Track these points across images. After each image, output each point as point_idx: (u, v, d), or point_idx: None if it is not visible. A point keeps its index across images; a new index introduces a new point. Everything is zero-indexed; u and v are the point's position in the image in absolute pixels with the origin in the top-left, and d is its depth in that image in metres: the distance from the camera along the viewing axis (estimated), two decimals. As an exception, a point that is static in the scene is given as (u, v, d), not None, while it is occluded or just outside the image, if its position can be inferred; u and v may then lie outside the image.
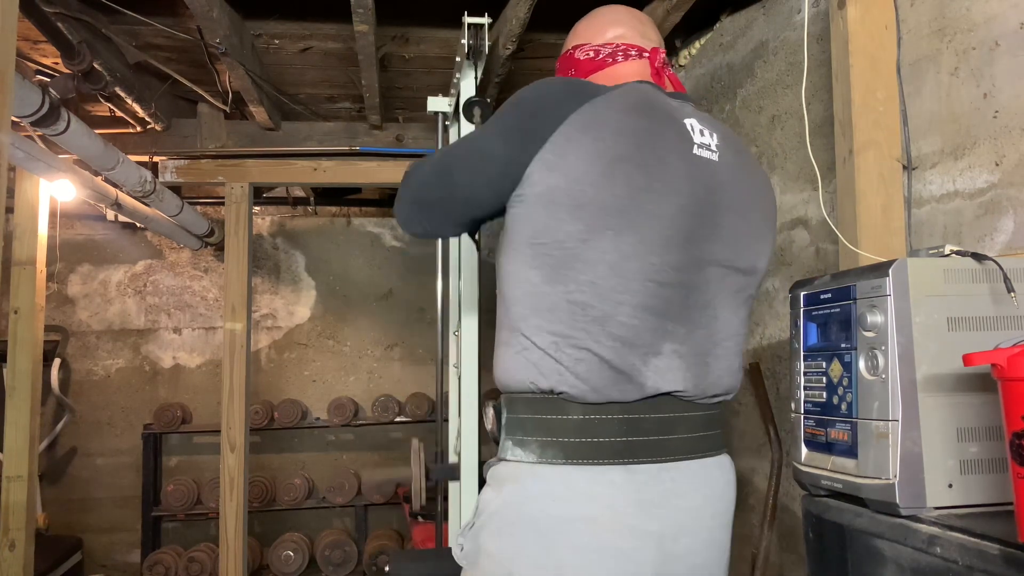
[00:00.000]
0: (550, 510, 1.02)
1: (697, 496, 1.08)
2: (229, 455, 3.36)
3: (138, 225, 4.45)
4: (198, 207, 4.23)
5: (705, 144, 1.11)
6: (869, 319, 1.07)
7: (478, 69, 2.05)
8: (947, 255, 1.09)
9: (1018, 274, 1.06)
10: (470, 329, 2.07)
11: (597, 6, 1.32)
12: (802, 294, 1.26)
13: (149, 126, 3.31)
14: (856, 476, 1.08)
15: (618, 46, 1.23)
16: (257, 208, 4.83)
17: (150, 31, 2.53)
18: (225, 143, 3.43)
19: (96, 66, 2.43)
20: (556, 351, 1.02)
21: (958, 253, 1.09)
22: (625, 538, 1.01)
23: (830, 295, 1.18)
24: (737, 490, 1.19)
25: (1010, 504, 0.86)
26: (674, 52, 2.93)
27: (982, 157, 1.47)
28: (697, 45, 2.81)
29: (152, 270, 4.90)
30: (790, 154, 2.19)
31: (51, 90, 2.29)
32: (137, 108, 2.99)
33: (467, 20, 1.96)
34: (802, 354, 1.24)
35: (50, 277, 4.57)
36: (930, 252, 1.12)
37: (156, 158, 3.41)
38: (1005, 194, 1.41)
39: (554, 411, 1.04)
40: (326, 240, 5.09)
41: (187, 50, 2.72)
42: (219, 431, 3.40)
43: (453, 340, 2.33)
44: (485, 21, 1.97)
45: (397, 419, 4.82)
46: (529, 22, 2.29)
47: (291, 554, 4.47)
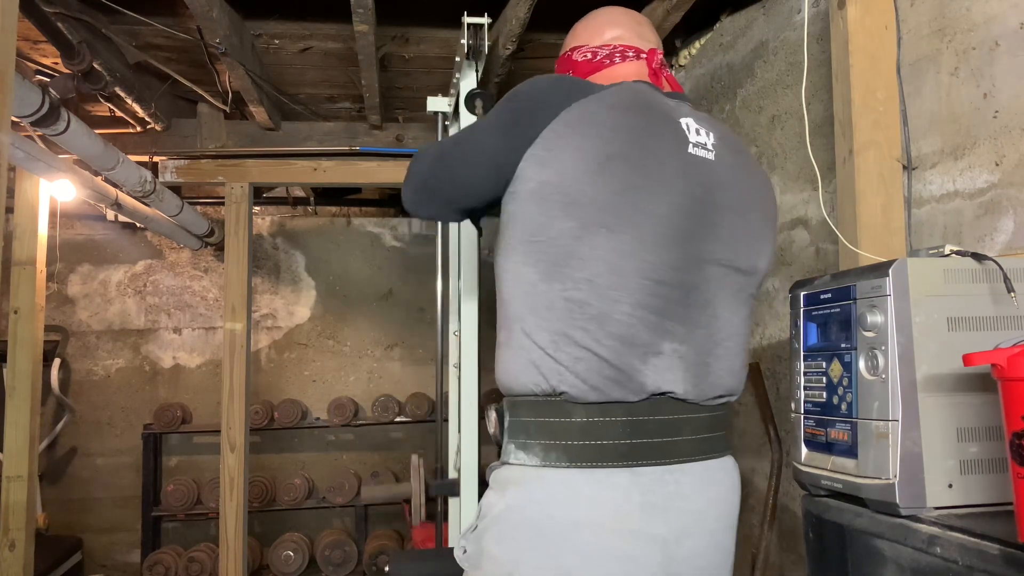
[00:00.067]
0: (554, 514, 1.01)
1: (702, 498, 1.07)
2: (229, 455, 3.36)
3: (138, 225, 4.45)
4: (198, 207, 4.23)
5: (701, 143, 1.11)
6: (869, 319, 1.07)
7: (478, 69, 2.05)
8: (947, 255, 1.09)
9: (1018, 274, 1.06)
10: (470, 329, 2.07)
11: (597, 6, 1.32)
12: (802, 294, 1.26)
13: (149, 126, 3.31)
14: (856, 476, 1.08)
15: (615, 47, 1.23)
16: (257, 208, 4.84)
17: (150, 31, 2.53)
18: (225, 143, 3.43)
19: (96, 66, 2.43)
20: (555, 350, 1.02)
21: (958, 253, 1.09)
22: (629, 542, 1.01)
23: (830, 295, 1.18)
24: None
25: (1010, 504, 0.86)
26: (674, 52, 2.93)
27: (982, 157, 1.47)
28: (697, 45, 2.81)
29: (152, 270, 4.90)
30: (790, 154, 2.19)
31: (51, 90, 2.29)
32: (137, 108, 2.99)
33: (467, 20, 1.96)
34: (802, 354, 1.24)
35: (50, 277, 4.57)
36: (930, 252, 1.12)
37: (156, 158, 3.41)
38: (1005, 194, 1.41)
39: (557, 414, 1.04)
40: (326, 240, 5.09)
41: (187, 50, 2.72)
42: (219, 431, 3.40)
43: (453, 340, 2.33)
44: (485, 21, 1.97)
45: (397, 419, 4.82)
46: (529, 22, 2.29)
47: (291, 554, 4.47)
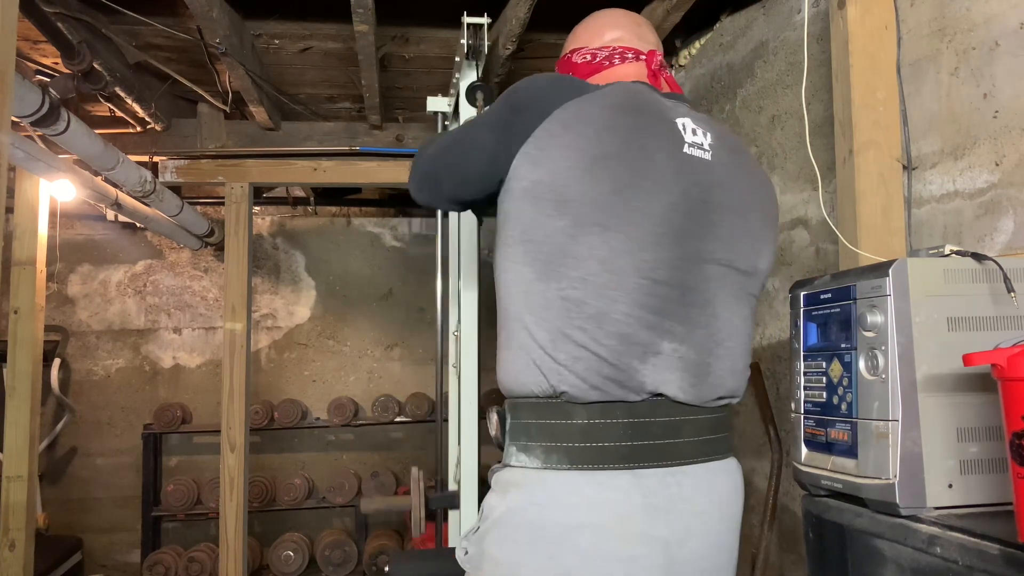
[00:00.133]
0: (555, 517, 1.01)
1: (704, 500, 1.07)
2: (229, 455, 3.36)
3: (138, 225, 4.45)
4: (198, 207, 4.23)
5: (697, 143, 1.11)
6: (869, 319, 1.07)
7: (478, 69, 2.05)
8: (947, 255, 1.09)
9: (1018, 274, 1.06)
10: (470, 329, 2.07)
11: (597, 6, 1.32)
12: (802, 294, 1.26)
13: (149, 126, 3.31)
14: (856, 476, 1.08)
15: (615, 49, 1.24)
16: (257, 208, 4.83)
17: (150, 31, 2.53)
18: (225, 143, 3.43)
19: (96, 66, 2.43)
20: (554, 349, 1.02)
21: (958, 253, 1.09)
22: (632, 544, 1.01)
23: (830, 295, 1.18)
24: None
25: (1010, 504, 0.86)
26: (674, 52, 2.93)
27: (982, 157, 1.46)
28: (697, 45, 2.81)
29: (152, 270, 4.90)
30: (790, 154, 2.19)
31: (51, 90, 2.29)
32: (137, 108, 2.99)
33: (467, 20, 1.96)
34: (802, 354, 1.24)
35: (50, 277, 4.57)
36: (930, 252, 1.12)
37: (156, 158, 3.41)
38: (1005, 194, 1.41)
39: (558, 416, 1.04)
40: (326, 240, 5.09)
41: (187, 50, 2.72)
42: (219, 431, 3.40)
43: (453, 340, 2.33)
44: (485, 21, 1.97)
45: (397, 419, 4.82)
46: (529, 22, 2.29)
47: (291, 554, 4.47)
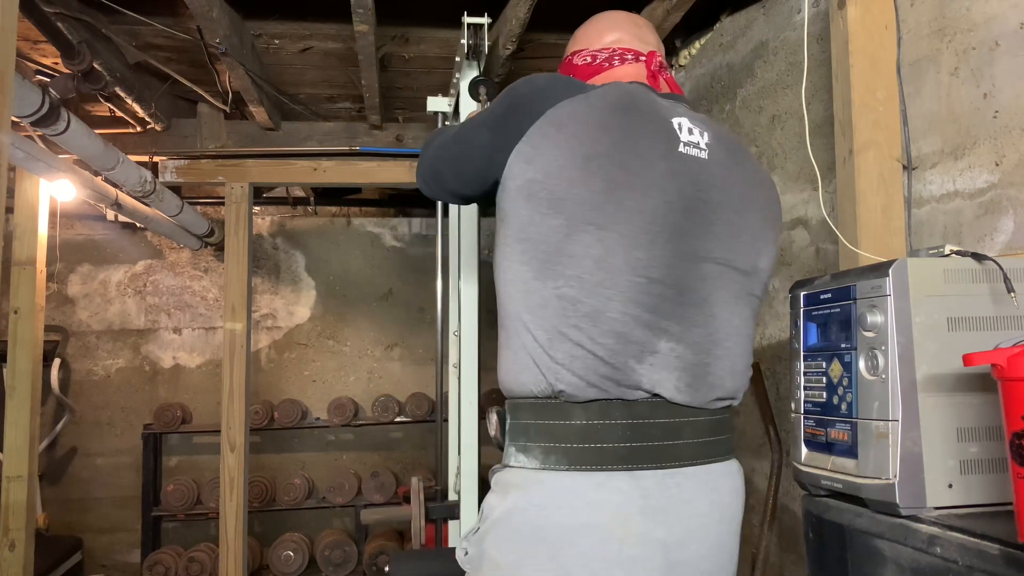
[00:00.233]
0: (555, 518, 1.01)
1: (704, 502, 1.07)
2: (229, 455, 3.36)
3: (138, 225, 4.45)
4: (198, 207, 4.23)
5: (693, 143, 1.11)
6: (869, 319, 1.07)
7: (478, 69, 2.05)
8: (947, 255, 1.09)
9: (1018, 274, 1.06)
10: (470, 329, 2.07)
11: (597, 5, 1.32)
12: (802, 294, 1.26)
13: (149, 126, 3.31)
14: (856, 476, 1.08)
15: (615, 50, 1.24)
16: (257, 208, 4.83)
17: (150, 31, 2.53)
18: (225, 143, 3.43)
19: (96, 66, 2.43)
20: (551, 348, 1.02)
21: (958, 253, 1.09)
22: (631, 545, 1.00)
23: (830, 295, 1.18)
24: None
25: (1010, 504, 0.86)
26: (674, 52, 2.93)
27: (982, 157, 1.46)
28: (697, 45, 2.81)
29: (152, 270, 4.90)
30: (790, 154, 2.19)
31: (51, 90, 2.29)
32: (137, 108, 2.99)
33: (467, 20, 1.96)
34: (802, 354, 1.24)
35: (50, 277, 4.57)
36: (930, 252, 1.12)
37: (156, 158, 3.41)
38: (1005, 194, 1.41)
39: (557, 416, 1.04)
40: (326, 240, 5.09)
41: (187, 50, 2.72)
42: (219, 431, 3.40)
43: (453, 340, 2.33)
44: (485, 21, 1.97)
45: (397, 419, 4.82)
46: (529, 22, 2.29)
47: (291, 554, 4.47)
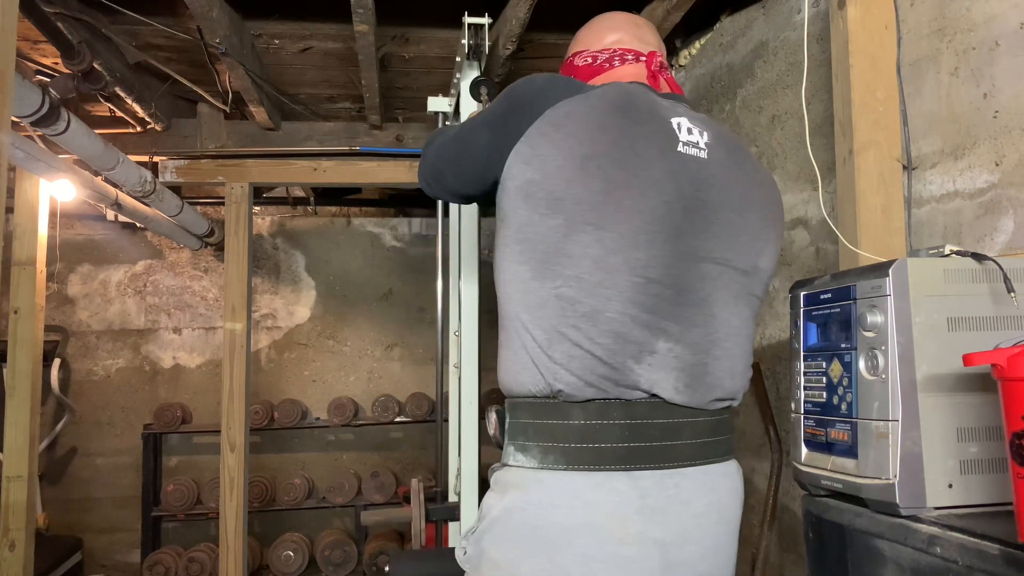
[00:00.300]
0: (553, 517, 1.01)
1: (702, 503, 1.07)
2: (229, 455, 3.36)
3: (138, 225, 4.45)
4: (198, 207, 4.23)
5: (692, 142, 1.11)
6: (869, 319, 1.07)
7: (479, 69, 2.05)
8: (947, 255, 1.09)
9: (1018, 274, 1.06)
10: (470, 329, 2.07)
11: (597, 5, 1.32)
12: (802, 294, 1.26)
13: (149, 126, 3.31)
14: (856, 476, 1.08)
15: (615, 51, 1.25)
16: (257, 208, 4.83)
17: (150, 31, 2.53)
18: (225, 143, 3.43)
19: (96, 66, 2.43)
20: (550, 348, 1.02)
21: (958, 253, 1.09)
22: (629, 545, 1.01)
23: (830, 295, 1.18)
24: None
25: (1010, 504, 0.86)
26: (674, 52, 2.93)
27: (982, 157, 1.46)
28: (697, 45, 2.81)
29: (152, 270, 4.90)
30: (790, 154, 2.19)
31: (51, 90, 2.29)
32: (137, 108, 2.99)
33: (467, 20, 1.96)
34: (802, 354, 1.24)
35: (50, 277, 4.57)
36: (930, 252, 1.12)
37: (156, 158, 3.41)
38: (1005, 194, 1.41)
39: (556, 416, 1.04)
40: (326, 240, 5.09)
41: (187, 50, 2.72)
42: (219, 431, 3.40)
43: (453, 340, 2.33)
44: (485, 21, 1.97)
45: (397, 419, 4.83)
46: (529, 22, 2.29)
47: (291, 554, 4.47)
